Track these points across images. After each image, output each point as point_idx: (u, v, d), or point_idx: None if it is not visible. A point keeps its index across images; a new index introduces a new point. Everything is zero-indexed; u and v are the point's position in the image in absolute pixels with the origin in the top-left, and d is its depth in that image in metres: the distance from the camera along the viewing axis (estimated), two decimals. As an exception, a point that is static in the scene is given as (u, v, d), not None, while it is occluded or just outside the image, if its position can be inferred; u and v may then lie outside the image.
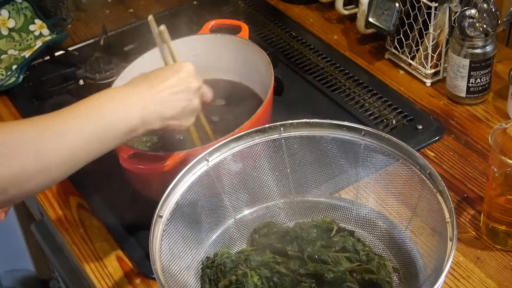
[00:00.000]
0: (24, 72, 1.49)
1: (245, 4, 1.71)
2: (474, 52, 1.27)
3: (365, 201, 1.07)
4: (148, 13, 1.72)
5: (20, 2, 1.60)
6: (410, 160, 0.99)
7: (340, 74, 1.45)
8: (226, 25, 1.35)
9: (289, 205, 1.10)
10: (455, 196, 1.16)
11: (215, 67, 1.32)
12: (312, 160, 1.07)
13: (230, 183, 1.06)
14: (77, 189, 1.24)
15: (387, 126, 1.31)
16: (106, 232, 1.17)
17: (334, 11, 1.60)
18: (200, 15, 1.58)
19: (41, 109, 1.43)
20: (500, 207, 1.06)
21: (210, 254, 1.03)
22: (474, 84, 1.31)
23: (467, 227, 1.12)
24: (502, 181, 1.04)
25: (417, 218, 1.01)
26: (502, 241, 1.08)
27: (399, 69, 1.44)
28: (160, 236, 0.94)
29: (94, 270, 1.11)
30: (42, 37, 1.57)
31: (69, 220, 1.20)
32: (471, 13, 1.26)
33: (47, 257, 1.47)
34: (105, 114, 0.89)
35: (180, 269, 0.97)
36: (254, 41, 1.27)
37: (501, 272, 1.05)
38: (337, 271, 0.95)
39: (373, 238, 1.05)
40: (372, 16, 1.42)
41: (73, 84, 1.46)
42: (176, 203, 0.98)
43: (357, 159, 1.04)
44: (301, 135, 1.06)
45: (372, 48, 1.51)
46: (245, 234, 1.08)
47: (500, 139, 1.03)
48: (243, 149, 1.05)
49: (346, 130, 1.04)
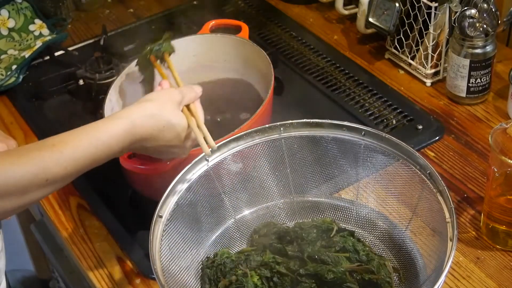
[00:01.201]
0: (24, 72, 1.49)
1: (245, 4, 1.70)
2: (474, 52, 1.27)
3: (365, 201, 1.07)
4: (148, 13, 1.73)
5: (20, 2, 1.60)
6: (410, 160, 0.99)
7: (340, 74, 1.45)
8: (226, 25, 1.35)
9: (289, 205, 1.10)
10: (455, 196, 1.16)
11: (215, 67, 1.32)
12: (312, 160, 1.07)
13: (230, 183, 1.06)
14: (77, 189, 1.24)
15: (387, 126, 1.31)
16: (106, 232, 1.17)
17: (334, 11, 1.59)
18: (200, 15, 1.58)
19: (41, 109, 1.43)
20: (500, 207, 1.06)
21: (210, 254, 1.03)
22: (474, 84, 1.31)
23: (467, 227, 1.12)
24: (502, 181, 1.04)
25: (417, 218, 1.01)
26: (502, 241, 1.08)
27: (399, 69, 1.44)
28: (160, 236, 0.94)
29: (94, 270, 1.11)
30: (42, 37, 1.57)
31: (69, 220, 1.20)
32: (471, 13, 1.26)
33: (47, 257, 1.47)
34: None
35: (180, 269, 0.97)
36: (254, 41, 1.28)
37: (501, 272, 1.05)
38: (337, 271, 0.95)
39: (373, 238, 1.05)
40: (372, 16, 1.42)
41: (73, 84, 1.46)
42: (176, 203, 0.98)
43: (357, 159, 1.04)
44: (301, 135, 1.06)
45: (372, 48, 1.51)
46: (245, 234, 1.08)
47: (500, 139, 1.03)
48: (243, 149, 1.05)
49: (346, 130, 1.04)
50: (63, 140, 0.88)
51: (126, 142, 0.92)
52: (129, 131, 0.92)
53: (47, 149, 0.86)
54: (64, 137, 0.89)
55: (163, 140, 0.97)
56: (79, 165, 0.88)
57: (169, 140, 0.98)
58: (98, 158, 0.90)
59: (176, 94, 1.00)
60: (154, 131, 0.95)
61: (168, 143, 0.98)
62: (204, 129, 1.02)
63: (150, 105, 0.96)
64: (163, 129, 0.96)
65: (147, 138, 0.95)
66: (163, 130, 0.96)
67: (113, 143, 0.91)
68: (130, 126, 0.92)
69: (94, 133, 0.90)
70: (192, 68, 1.32)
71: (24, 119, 1.41)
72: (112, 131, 0.91)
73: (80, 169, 0.89)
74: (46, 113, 1.43)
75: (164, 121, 0.96)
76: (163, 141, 0.97)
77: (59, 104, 1.44)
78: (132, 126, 0.93)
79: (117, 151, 0.92)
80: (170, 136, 0.97)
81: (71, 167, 0.87)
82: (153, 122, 0.95)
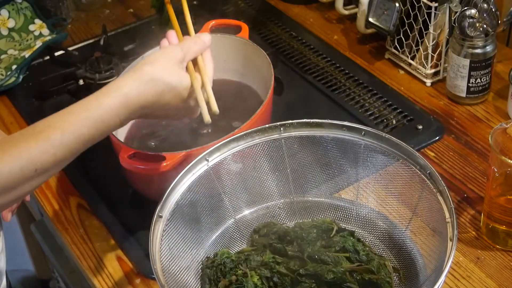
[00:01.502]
0: (24, 72, 1.49)
1: (245, 4, 1.71)
2: (474, 52, 1.27)
3: (365, 201, 1.07)
4: (148, 13, 1.73)
5: (20, 2, 1.60)
6: (410, 160, 0.99)
7: (340, 74, 1.45)
8: (226, 25, 1.34)
9: (289, 205, 1.10)
10: (455, 196, 1.16)
11: (215, 67, 1.32)
12: (312, 160, 1.07)
13: (230, 183, 1.06)
14: (77, 189, 1.24)
15: (387, 126, 1.31)
16: (106, 232, 1.17)
17: (334, 11, 1.59)
18: (200, 15, 1.58)
19: (41, 109, 1.43)
20: (500, 207, 1.06)
21: (210, 254, 1.03)
22: (474, 84, 1.31)
23: (467, 227, 1.12)
24: (502, 181, 1.04)
25: (417, 218, 1.01)
26: (502, 241, 1.08)
27: (399, 69, 1.44)
28: (160, 236, 0.94)
29: (94, 270, 1.11)
30: (42, 37, 1.57)
31: (69, 220, 1.20)
32: (471, 13, 1.26)
33: (47, 257, 1.47)
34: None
35: (180, 269, 0.97)
36: (254, 41, 1.27)
37: (501, 272, 1.05)
38: (337, 271, 0.95)
39: (373, 238, 1.05)
40: (372, 16, 1.42)
41: (73, 84, 1.46)
42: (176, 203, 0.98)
43: (357, 159, 1.04)
44: (301, 135, 1.06)
45: (372, 48, 1.51)
46: (245, 234, 1.08)
47: (500, 139, 1.03)
48: (243, 149, 1.05)
49: (346, 130, 1.04)
50: (51, 124, 0.84)
51: (122, 114, 0.88)
52: (124, 104, 0.87)
53: (33, 138, 0.81)
54: (52, 120, 0.84)
55: (166, 103, 0.92)
56: (71, 149, 0.83)
57: (169, 102, 0.92)
58: (93, 137, 0.85)
59: (177, 52, 0.95)
60: (153, 97, 0.90)
61: (171, 106, 0.93)
62: (208, 89, 0.96)
63: (148, 69, 0.91)
64: (162, 93, 0.91)
65: (146, 105, 0.90)
66: (163, 94, 0.91)
67: (107, 118, 0.86)
68: (124, 98, 0.87)
69: (84, 113, 0.85)
70: (192, 68, 1.32)
71: (24, 119, 1.41)
72: (105, 106, 0.86)
73: (74, 152, 0.84)
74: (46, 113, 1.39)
75: (163, 84, 0.91)
76: (166, 105, 0.92)
77: (59, 104, 1.43)
78: (126, 97, 0.88)
79: (115, 125, 0.87)
80: (171, 97, 0.92)
81: (61, 152, 0.82)
82: (152, 87, 0.90)
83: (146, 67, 0.91)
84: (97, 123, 0.86)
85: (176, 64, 0.94)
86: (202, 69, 0.98)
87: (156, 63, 0.92)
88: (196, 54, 0.98)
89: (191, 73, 0.96)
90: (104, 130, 0.87)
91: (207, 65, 0.99)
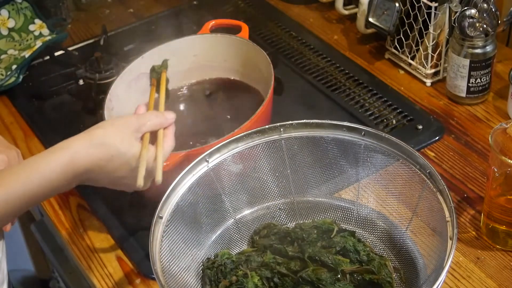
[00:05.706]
0: (24, 72, 1.49)
1: (245, 4, 1.70)
2: (474, 52, 1.27)
3: (366, 201, 1.07)
4: (148, 13, 1.73)
5: (20, 2, 1.60)
6: (410, 160, 0.99)
7: (340, 74, 1.45)
8: (226, 25, 1.35)
9: (289, 206, 1.10)
10: (455, 196, 1.16)
11: (215, 67, 1.33)
12: (312, 160, 1.07)
13: (230, 184, 1.06)
14: (77, 189, 1.24)
15: (387, 126, 1.31)
16: (106, 232, 1.17)
17: (334, 11, 1.59)
18: (200, 15, 1.58)
19: (41, 109, 1.43)
20: (500, 207, 1.06)
21: (210, 255, 1.03)
22: (474, 84, 1.31)
23: (467, 227, 1.12)
24: (502, 181, 1.04)
25: (417, 218, 1.01)
26: (502, 241, 1.08)
27: (399, 69, 1.44)
28: (160, 237, 0.94)
29: (94, 270, 1.11)
30: (42, 37, 1.57)
31: (69, 220, 1.20)
32: (471, 13, 1.26)
33: (47, 257, 1.47)
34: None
35: (180, 269, 0.97)
36: (254, 41, 1.27)
37: (501, 272, 1.05)
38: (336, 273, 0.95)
39: (374, 238, 1.05)
40: (372, 16, 1.42)
41: (73, 84, 1.46)
42: (176, 204, 0.98)
43: (357, 159, 1.04)
44: (301, 135, 1.06)
45: (372, 48, 1.51)
46: (245, 235, 1.08)
47: (500, 139, 1.03)
48: (243, 150, 1.05)
49: (346, 130, 1.04)
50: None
51: (69, 175, 0.87)
52: (70, 163, 0.87)
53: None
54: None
55: (113, 170, 0.91)
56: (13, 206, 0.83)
57: (116, 169, 0.91)
58: (38, 195, 0.85)
59: (132, 121, 0.95)
60: (101, 161, 0.89)
61: (117, 174, 0.92)
62: (159, 162, 0.94)
63: (100, 133, 0.91)
64: (111, 158, 0.90)
65: (93, 169, 0.89)
66: (111, 160, 0.90)
67: (53, 177, 0.85)
68: (69, 158, 0.86)
69: (30, 169, 0.85)
70: (192, 68, 1.32)
71: (24, 119, 1.41)
72: (51, 163, 0.85)
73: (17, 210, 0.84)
74: (46, 113, 1.43)
75: (113, 150, 0.90)
76: (113, 172, 0.91)
77: (59, 104, 1.44)
78: (72, 158, 0.87)
79: (61, 185, 0.87)
80: (119, 164, 0.91)
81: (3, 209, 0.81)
82: (101, 151, 0.89)
83: (98, 131, 0.91)
84: (42, 181, 0.85)
85: (129, 133, 0.93)
86: (160, 143, 0.97)
87: (109, 128, 0.92)
88: (155, 127, 0.97)
89: (143, 142, 0.95)
90: (50, 189, 0.86)
91: (166, 141, 0.98)
